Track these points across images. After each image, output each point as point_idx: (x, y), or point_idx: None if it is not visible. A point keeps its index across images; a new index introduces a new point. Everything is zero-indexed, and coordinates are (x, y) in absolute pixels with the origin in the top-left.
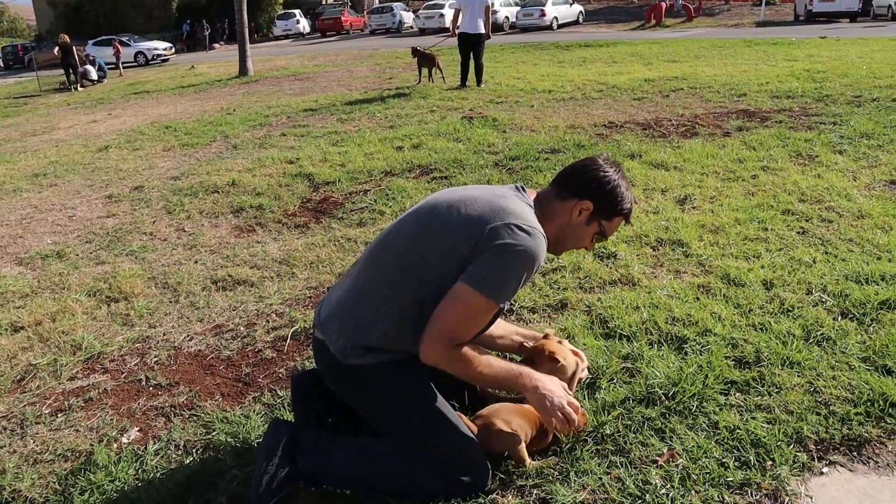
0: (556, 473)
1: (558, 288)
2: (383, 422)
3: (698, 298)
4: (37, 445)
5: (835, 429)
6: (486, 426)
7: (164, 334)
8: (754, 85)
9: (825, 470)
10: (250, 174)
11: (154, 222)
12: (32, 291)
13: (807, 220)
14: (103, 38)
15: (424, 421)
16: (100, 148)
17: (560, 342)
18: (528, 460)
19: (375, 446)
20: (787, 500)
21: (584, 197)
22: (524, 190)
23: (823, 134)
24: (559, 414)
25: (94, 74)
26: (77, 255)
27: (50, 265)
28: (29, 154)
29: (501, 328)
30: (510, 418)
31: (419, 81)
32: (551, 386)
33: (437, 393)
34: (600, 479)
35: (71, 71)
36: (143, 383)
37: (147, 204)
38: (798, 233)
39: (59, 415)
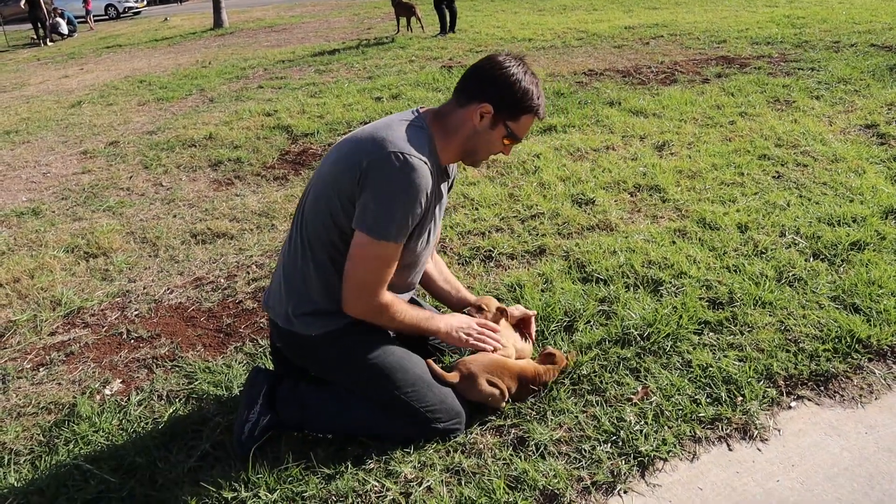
0: (534, 413)
1: (537, 234)
2: (350, 388)
3: (674, 242)
4: (20, 399)
5: (803, 365)
6: (470, 377)
7: (144, 288)
8: (734, 31)
9: (793, 404)
10: (227, 127)
11: (131, 177)
12: (9, 249)
13: (782, 165)
14: None
15: (388, 383)
16: (73, 104)
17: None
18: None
19: (352, 399)
20: (756, 434)
21: (483, 99)
22: (419, 112)
23: (801, 80)
24: (470, 338)
25: (64, 28)
26: (53, 211)
27: (26, 222)
28: (0, 111)
29: (445, 278)
30: (495, 374)
31: (398, 31)
32: (455, 321)
33: (401, 349)
34: (576, 417)
35: (39, 25)
36: (125, 336)
37: (123, 159)
38: (773, 177)
39: (40, 369)
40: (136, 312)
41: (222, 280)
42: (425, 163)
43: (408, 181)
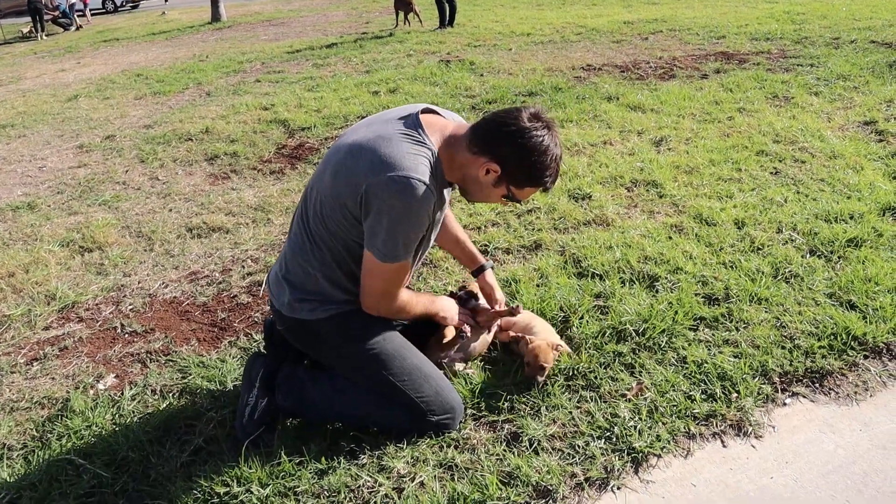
0: (527, 408)
1: (533, 229)
2: (348, 373)
3: (671, 238)
4: (13, 394)
5: (799, 362)
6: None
7: (139, 282)
8: (734, 27)
9: (788, 401)
10: (224, 121)
11: (127, 171)
12: (4, 243)
13: (780, 161)
14: None
15: (385, 370)
16: (69, 97)
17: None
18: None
19: (348, 386)
20: (750, 430)
21: (494, 158)
22: (418, 125)
23: (800, 76)
24: (453, 320)
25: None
26: (49, 205)
27: (21, 216)
28: None
29: (460, 237)
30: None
31: (396, 25)
32: (447, 308)
33: (400, 338)
34: (570, 412)
35: (38, 17)
36: (119, 331)
37: (119, 153)
38: (771, 173)
39: (34, 364)
40: (131, 307)
41: (217, 274)
42: (425, 184)
43: (410, 206)
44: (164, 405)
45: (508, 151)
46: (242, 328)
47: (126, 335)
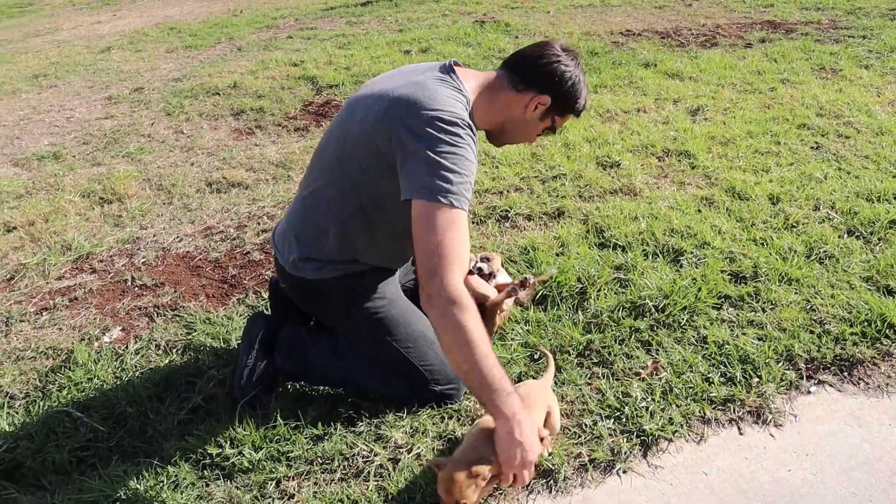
0: None
1: (557, 196)
2: (351, 337)
3: (700, 211)
4: (20, 343)
5: (827, 348)
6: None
7: (154, 235)
8: None
9: (813, 389)
10: (253, 76)
11: (153, 124)
12: (27, 192)
13: (823, 135)
14: None
15: (389, 336)
16: (102, 49)
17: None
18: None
19: (350, 352)
20: (770, 418)
21: (544, 91)
22: (451, 71)
23: (850, 47)
24: (521, 472)
25: None
26: (73, 156)
27: (45, 166)
28: (30, 55)
29: None
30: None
31: None
32: (530, 435)
33: (407, 303)
34: (580, 389)
35: None
36: (129, 283)
37: (147, 106)
38: (812, 148)
39: (43, 313)
40: (144, 260)
41: (232, 230)
42: (469, 124)
43: (457, 143)
44: (167, 361)
45: (557, 85)
46: (252, 285)
47: (136, 288)
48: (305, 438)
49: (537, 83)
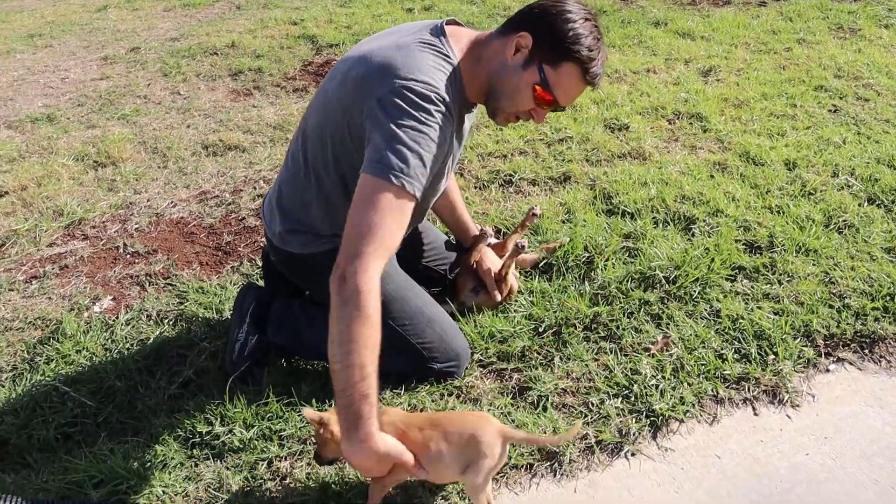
0: (540, 357)
1: (563, 160)
2: None
3: (712, 176)
4: (8, 312)
5: (847, 323)
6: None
7: (147, 200)
8: None
9: (832, 367)
10: (251, 35)
11: (149, 85)
12: (20, 155)
13: (841, 98)
14: None
15: (384, 314)
16: (98, 8)
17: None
18: None
19: None
20: (786, 398)
21: (523, 27)
22: (441, 34)
23: (870, 6)
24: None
25: None
26: (67, 118)
27: (39, 128)
28: (25, 13)
29: (458, 203)
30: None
31: None
32: (360, 464)
33: (403, 277)
34: (587, 365)
35: None
36: (121, 251)
37: (143, 66)
38: (829, 111)
39: (33, 282)
40: (136, 226)
41: (227, 195)
42: (442, 98)
43: (424, 119)
44: (158, 332)
45: (540, 19)
46: (247, 253)
47: (128, 255)
48: (298, 416)
49: (519, 23)
